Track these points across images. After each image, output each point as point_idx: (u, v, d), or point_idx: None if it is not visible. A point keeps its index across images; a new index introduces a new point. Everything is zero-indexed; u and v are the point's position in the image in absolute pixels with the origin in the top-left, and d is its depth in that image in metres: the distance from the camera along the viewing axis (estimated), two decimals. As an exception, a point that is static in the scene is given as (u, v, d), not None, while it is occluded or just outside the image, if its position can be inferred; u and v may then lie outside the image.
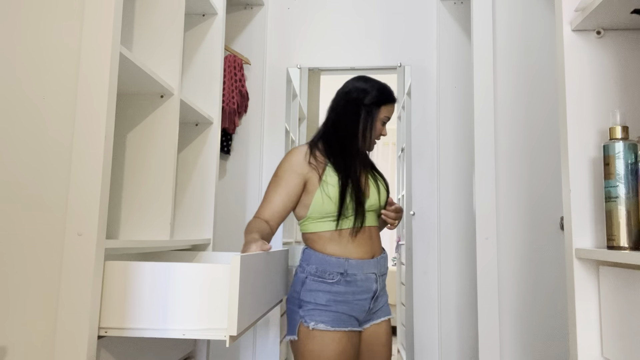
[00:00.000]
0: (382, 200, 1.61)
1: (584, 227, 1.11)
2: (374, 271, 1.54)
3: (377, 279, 1.55)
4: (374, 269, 1.54)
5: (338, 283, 1.50)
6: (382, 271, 1.58)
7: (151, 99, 1.49)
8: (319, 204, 1.50)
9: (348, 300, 1.50)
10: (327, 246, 1.53)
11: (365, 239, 1.55)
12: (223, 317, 1.05)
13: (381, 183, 1.64)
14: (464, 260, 2.39)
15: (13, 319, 1.02)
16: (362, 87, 1.60)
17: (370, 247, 1.55)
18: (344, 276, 1.50)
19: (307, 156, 1.55)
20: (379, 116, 1.59)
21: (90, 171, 1.05)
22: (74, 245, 1.02)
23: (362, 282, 1.52)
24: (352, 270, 1.50)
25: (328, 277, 1.50)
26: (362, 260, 1.52)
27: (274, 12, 2.63)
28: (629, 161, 1.01)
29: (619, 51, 1.15)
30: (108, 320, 1.06)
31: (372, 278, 1.54)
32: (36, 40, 1.10)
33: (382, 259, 1.59)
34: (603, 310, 1.07)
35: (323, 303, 1.48)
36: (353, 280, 1.51)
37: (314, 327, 1.45)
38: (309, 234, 1.55)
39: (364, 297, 1.52)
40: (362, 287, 1.52)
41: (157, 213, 1.45)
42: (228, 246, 2.46)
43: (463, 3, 2.50)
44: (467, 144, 2.42)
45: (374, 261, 1.55)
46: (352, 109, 1.58)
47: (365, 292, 1.53)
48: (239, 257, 1.03)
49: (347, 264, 1.50)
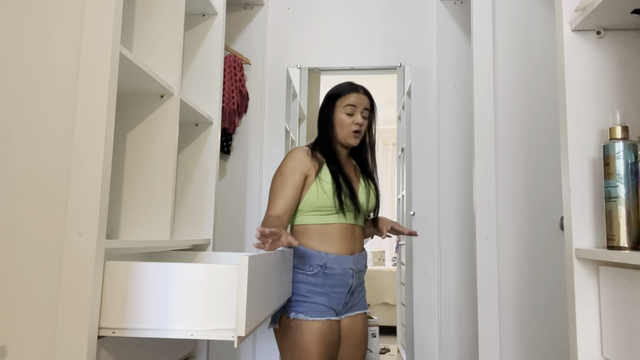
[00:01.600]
0: (370, 204, 1.73)
1: (584, 227, 1.11)
2: (351, 267, 1.65)
3: (353, 275, 1.66)
4: (351, 264, 1.65)
5: (317, 275, 1.60)
6: (359, 268, 1.68)
7: (151, 99, 1.49)
8: (314, 197, 1.62)
9: (326, 292, 1.60)
10: (312, 239, 1.64)
11: (348, 236, 1.65)
12: (230, 317, 1.05)
13: (372, 190, 1.75)
14: (464, 260, 2.39)
15: (13, 319, 1.02)
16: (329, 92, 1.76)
17: (351, 244, 1.66)
18: (323, 269, 1.61)
19: (308, 154, 1.67)
20: (339, 107, 1.70)
21: (90, 171, 1.05)
22: (74, 245, 1.02)
23: (339, 276, 1.62)
24: (331, 264, 1.61)
25: (308, 269, 1.61)
26: (341, 256, 1.63)
27: (274, 12, 2.63)
28: (629, 161, 1.01)
29: (619, 51, 1.15)
30: (108, 320, 1.06)
31: (349, 273, 1.64)
32: (36, 40, 1.10)
33: (360, 256, 1.69)
34: (603, 310, 1.07)
35: (302, 294, 1.59)
36: (331, 274, 1.61)
37: (294, 317, 1.56)
38: (298, 226, 1.66)
39: (340, 290, 1.63)
40: (339, 281, 1.62)
41: (157, 213, 1.45)
42: (228, 246, 2.46)
43: (463, 3, 2.50)
44: (467, 144, 2.42)
45: (353, 258, 1.65)
46: (321, 111, 1.76)
47: (342, 286, 1.63)
48: (247, 258, 1.03)
49: (327, 257, 1.61)
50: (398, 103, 2.58)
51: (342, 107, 1.71)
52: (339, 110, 1.71)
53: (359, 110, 1.70)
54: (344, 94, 1.72)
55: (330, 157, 1.69)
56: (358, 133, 1.71)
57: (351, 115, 1.70)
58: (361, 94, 1.73)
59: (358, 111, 1.70)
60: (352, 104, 1.70)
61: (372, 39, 2.57)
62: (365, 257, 1.75)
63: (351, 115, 1.70)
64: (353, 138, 1.70)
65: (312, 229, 1.64)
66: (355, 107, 1.70)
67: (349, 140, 1.71)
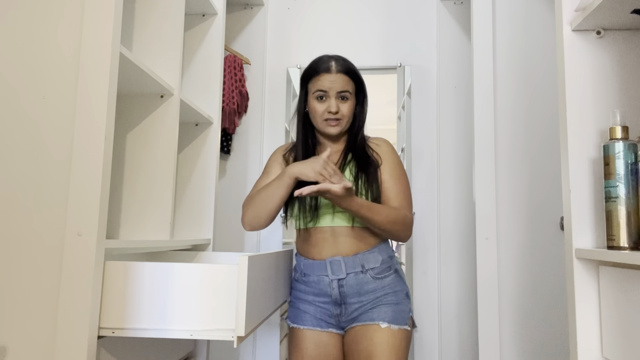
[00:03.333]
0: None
1: (584, 227, 1.11)
2: (325, 273, 1.44)
3: (330, 283, 1.44)
4: (324, 271, 1.44)
5: (298, 281, 1.52)
6: (336, 274, 1.43)
7: (151, 99, 1.49)
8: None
9: (309, 300, 1.48)
10: (297, 243, 1.56)
11: (322, 240, 1.46)
12: (230, 317, 1.05)
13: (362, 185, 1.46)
14: (464, 260, 2.39)
15: (13, 319, 1.02)
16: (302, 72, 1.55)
17: (324, 248, 1.45)
18: (301, 275, 1.50)
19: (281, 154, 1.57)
20: (310, 94, 1.48)
21: (90, 171, 1.04)
22: (74, 245, 1.02)
23: (315, 284, 1.46)
24: (306, 270, 1.48)
25: (295, 275, 1.55)
26: (312, 261, 1.47)
27: (274, 12, 2.63)
28: (629, 161, 1.01)
29: (619, 51, 1.14)
30: (108, 320, 1.06)
31: (325, 281, 1.45)
32: (36, 40, 1.09)
33: (336, 262, 1.44)
34: (603, 310, 1.07)
35: (291, 300, 1.55)
36: (308, 281, 1.48)
37: (287, 321, 1.54)
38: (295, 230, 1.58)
39: (323, 300, 1.47)
40: (317, 289, 1.47)
41: (157, 213, 1.45)
42: (228, 246, 2.46)
43: (463, 3, 2.50)
44: (467, 144, 2.42)
45: (324, 263, 1.44)
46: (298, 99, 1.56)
47: (323, 296, 1.46)
48: (247, 258, 1.03)
49: (303, 263, 1.50)
50: (398, 103, 2.58)
51: (312, 91, 1.47)
52: (310, 96, 1.48)
53: (332, 94, 1.44)
54: (314, 75, 1.47)
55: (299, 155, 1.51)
56: (336, 121, 1.47)
57: (323, 101, 1.46)
58: (335, 73, 1.45)
59: (332, 95, 1.44)
60: (322, 89, 1.45)
61: (372, 38, 2.57)
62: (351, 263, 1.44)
63: (323, 100, 1.46)
64: (329, 127, 1.47)
65: (297, 233, 1.55)
66: (326, 92, 1.45)
67: (326, 130, 1.48)
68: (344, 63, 1.49)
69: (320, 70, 1.46)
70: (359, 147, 1.53)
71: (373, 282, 1.45)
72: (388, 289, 1.46)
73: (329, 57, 1.50)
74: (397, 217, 1.44)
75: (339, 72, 1.46)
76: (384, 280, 1.46)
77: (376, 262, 1.46)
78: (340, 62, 1.48)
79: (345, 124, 1.50)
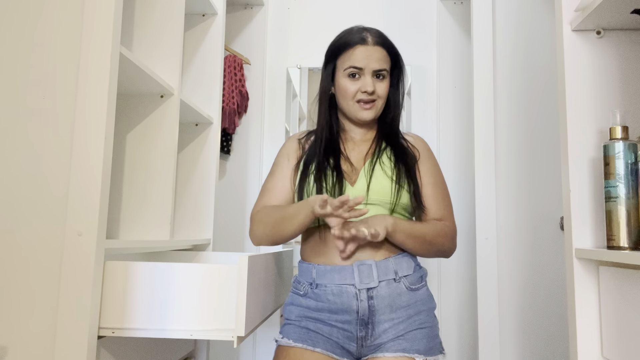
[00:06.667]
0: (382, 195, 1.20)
1: (584, 227, 1.11)
2: (350, 282, 1.14)
3: (358, 295, 1.13)
4: (350, 279, 1.14)
5: (307, 296, 1.19)
6: (365, 283, 1.13)
7: (151, 99, 1.49)
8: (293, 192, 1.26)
9: (323, 319, 1.16)
10: (305, 248, 1.25)
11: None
12: (230, 317, 1.05)
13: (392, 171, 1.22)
14: (464, 260, 2.39)
15: (13, 319, 1.02)
16: (330, 45, 1.34)
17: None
18: (312, 287, 1.18)
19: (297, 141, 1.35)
20: (340, 69, 1.25)
21: (90, 171, 1.04)
22: (74, 245, 1.02)
23: (333, 296, 1.14)
24: (321, 280, 1.16)
25: (301, 289, 1.22)
26: (330, 267, 1.15)
27: (274, 12, 2.63)
28: (629, 161, 1.01)
29: (619, 51, 1.14)
30: (108, 320, 1.06)
31: (350, 292, 1.14)
32: (36, 40, 1.09)
33: (366, 266, 1.14)
34: (603, 310, 1.07)
35: (293, 318, 1.21)
36: (323, 294, 1.16)
37: (279, 342, 1.19)
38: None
39: (344, 318, 1.14)
40: (336, 305, 1.15)
41: (157, 213, 1.44)
42: (228, 246, 2.46)
43: (463, 3, 2.50)
44: (467, 144, 2.42)
45: (350, 268, 1.14)
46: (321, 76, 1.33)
47: (343, 312, 1.14)
48: (247, 258, 1.03)
49: (315, 270, 1.18)
50: (398, 103, 2.58)
51: (344, 69, 1.23)
52: (340, 73, 1.24)
53: (367, 71, 1.22)
54: (346, 48, 1.23)
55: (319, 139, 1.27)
56: (371, 103, 1.23)
57: (356, 79, 1.22)
58: (372, 45, 1.22)
59: (367, 73, 1.22)
60: (355, 65, 1.21)
61: (372, 39, 2.56)
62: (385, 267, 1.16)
63: (356, 78, 1.23)
64: (362, 110, 1.23)
65: (306, 234, 1.25)
66: (361, 70, 1.22)
67: (359, 115, 1.24)
68: (381, 34, 1.26)
69: (354, 42, 1.23)
70: (394, 136, 1.29)
71: (407, 295, 1.17)
72: (421, 306, 1.18)
73: (361, 28, 1.26)
74: (445, 232, 1.24)
75: (377, 45, 1.23)
76: (417, 293, 1.19)
77: (409, 268, 1.19)
78: (377, 33, 1.25)
79: (380, 107, 1.26)
